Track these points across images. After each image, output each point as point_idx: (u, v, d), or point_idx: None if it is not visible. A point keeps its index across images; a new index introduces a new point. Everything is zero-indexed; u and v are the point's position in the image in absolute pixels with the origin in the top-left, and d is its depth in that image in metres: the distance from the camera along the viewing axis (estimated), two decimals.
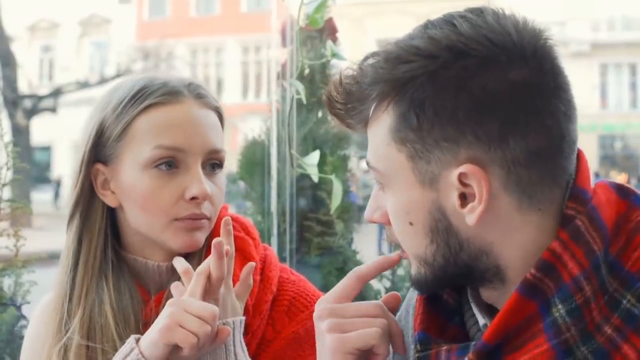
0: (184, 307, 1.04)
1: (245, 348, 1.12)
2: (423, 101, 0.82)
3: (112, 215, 1.22)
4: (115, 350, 1.11)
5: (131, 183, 1.16)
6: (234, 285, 1.15)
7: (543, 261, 0.81)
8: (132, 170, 1.16)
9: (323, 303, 0.95)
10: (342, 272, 2.73)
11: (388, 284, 2.83)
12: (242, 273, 1.16)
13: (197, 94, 1.19)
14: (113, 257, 1.20)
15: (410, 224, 0.87)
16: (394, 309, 0.98)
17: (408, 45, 0.84)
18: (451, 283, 0.92)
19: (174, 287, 1.12)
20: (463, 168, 0.81)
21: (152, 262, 1.20)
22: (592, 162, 25.34)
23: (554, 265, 0.80)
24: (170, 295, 1.14)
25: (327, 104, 0.91)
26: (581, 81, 26.98)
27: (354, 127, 0.91)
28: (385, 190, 0.90)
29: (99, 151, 1.19)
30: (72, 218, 1.21)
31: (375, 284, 2.87)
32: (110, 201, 1.19)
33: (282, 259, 2.50)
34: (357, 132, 0.92)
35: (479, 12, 0.84)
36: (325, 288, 1.00)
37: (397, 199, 0.87)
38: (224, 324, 1.08)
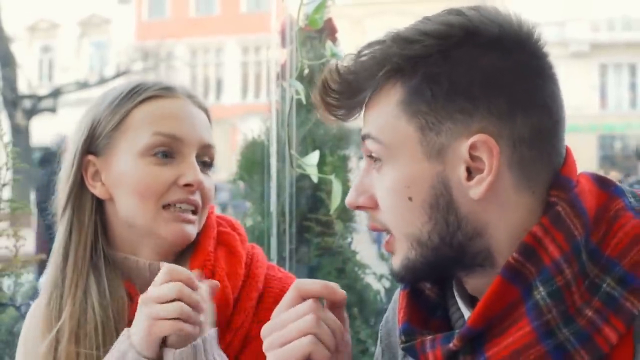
0: (151, 299, 1.04)
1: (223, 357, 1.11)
2: (438, 76, 0.85)
3: (100, 213, 1.23)
4: (101, 344, 1.13)
5: (125, 170, 1.18)
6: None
7: (525, 245, 0.83)
8: (127, 158, 1.18)
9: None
10: (341, 272, 2.74)
11: (387, 283, 2.83)
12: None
13: (189, 94, 1.24)
14: (102, 252, 1.21)
15: (410, 199, 0.87)
16: (336, 302, 0.95)
17: (415, 30, 0.87)
18: (438, 270, 0.91)
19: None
20: (476, 137, 0.83)
21: (143, 260, 1.20)
22: (592, 162, 25.34)
23: (535, 249, 0.82)
24: None
25: (321, 91, 0.91)
26: (581, 81, 26.97)
27: (343, 116, 0.93)
28: (383, 166, 0.90)
29: (92, 143, 1.21)
30: (64, 211, 1.22)
31: (374, 283, 2.87)
32: (100, 193, 1.21)
33: (281, 259, 2.50)
34: (345, 121, 0.94)
35: (479, 6, 0.88)
36: None
37: (398, 172, 0.88)
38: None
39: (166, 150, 1.18)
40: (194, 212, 1.19)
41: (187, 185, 1.17)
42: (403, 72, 0.86)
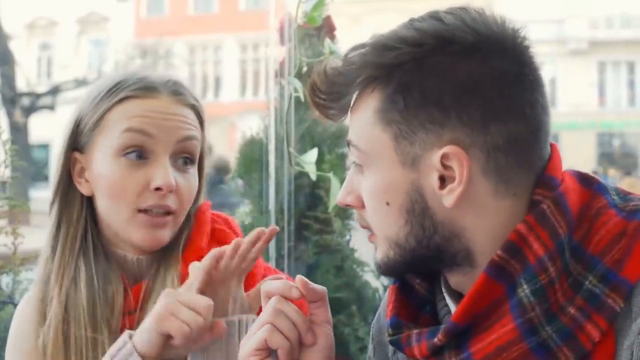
0: (178, 298, 1.05)
1: None
2: (410, 85, 0.85)
3: (92, 207, 1.23)
4: (90, 331, 1.14)
5: (101, 170, 1.18)
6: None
7: (509, 243, 0.83)
8: (103, 158, 1.18)
9: None
10: (340, 270, 2.74)
11: (386, 281, 2.83)
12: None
13: (174, 91, 1.21)
14: (93, 244, 1.21)
15: (387, 204, 0.89)
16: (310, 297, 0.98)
17: (395, 35, 0.87)
18: (418, 268, 0.93)
19: (191, 266, 1.11)
20: (446, 149, 0.84)
21: (130, 255, 1.21)
22: (591, 159, 25.35)
23: (519, 247, 0.83)
24: (148, 287, 1.18)
25: (310, 92, 0.93)
26: (579, 79, 26.97)
27: (334, 116, 0.94)
28: (364, 170, 0.91)
29: (77, 140, 1.22)
30: (52, 205, 1.23)
31: (373, 281, 2.87)
32: (85, 189, 1.22)
33: (280, 257, 2.51)
34: (335, 121, 0.95)
35: (462, 8, 0.88)
36: (323, 286, 1.00)
37: (376, 178, 0.89)
38: (228, 321, 1.09)
39: (138, 151, 1.16)
40: (168, 214, 1.18)
41: (157, 188, 1.15)
42: (379, 79, 0.87)
